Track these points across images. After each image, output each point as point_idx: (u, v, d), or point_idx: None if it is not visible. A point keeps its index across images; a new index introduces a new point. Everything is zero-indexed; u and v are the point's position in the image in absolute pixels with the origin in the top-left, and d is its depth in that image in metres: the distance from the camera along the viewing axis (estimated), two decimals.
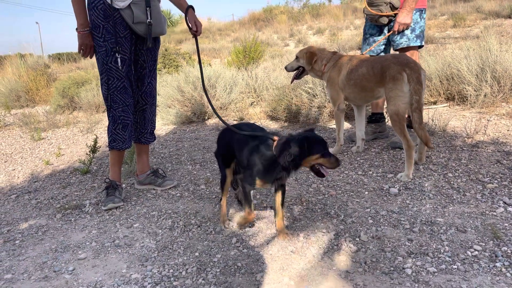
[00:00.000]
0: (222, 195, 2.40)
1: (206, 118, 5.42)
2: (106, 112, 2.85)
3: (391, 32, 3.37)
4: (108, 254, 2.19)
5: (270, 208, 2.57)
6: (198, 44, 2.87)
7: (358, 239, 2.09)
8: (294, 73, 3.58)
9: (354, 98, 3.27)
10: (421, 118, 2.75)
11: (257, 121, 4.96)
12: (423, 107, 2.87)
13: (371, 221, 2.27)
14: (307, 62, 3.41)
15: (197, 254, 2.10)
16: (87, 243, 2.32)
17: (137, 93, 2.95)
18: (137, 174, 3.16)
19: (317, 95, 4.70)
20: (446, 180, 2.71)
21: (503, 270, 1.72)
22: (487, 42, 4.61)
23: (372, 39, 3.56)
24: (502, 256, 1.81)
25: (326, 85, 3.41)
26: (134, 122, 2.98)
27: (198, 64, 2.90)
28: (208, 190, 2.98)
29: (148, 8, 2.61)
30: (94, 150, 3.72)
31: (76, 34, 2.68)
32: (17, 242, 2.44)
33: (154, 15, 2.68)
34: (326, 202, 2.57)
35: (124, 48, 2.68)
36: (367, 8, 3.41)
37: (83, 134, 5.41)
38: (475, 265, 1.78)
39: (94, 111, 6.81)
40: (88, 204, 2.92)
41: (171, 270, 1.97)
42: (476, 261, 1.81)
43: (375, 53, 3.55)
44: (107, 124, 2.86)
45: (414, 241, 2.02)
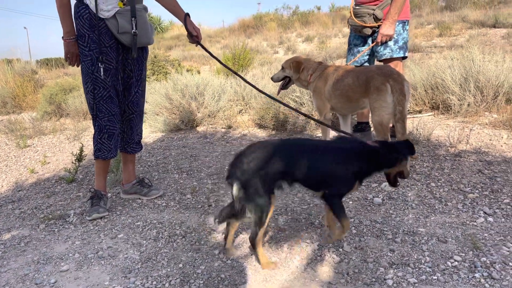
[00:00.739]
0: (258, 236, 1.93)
1: (195, 125, 5.42)
2: (92, 121, 2.84)
3: (375, 43, 3.42)
4: (91, 266, 2.17)
5: None
6: (206, 48, 3.05)
7: (341, 250, 2.11)
8: (281, 83, 3.61)
9: (340, 108, 3.30)
10: (404, 128, 2.79)
11: (244, 129, 4.98)
12: (407, 117, 2.91)
13: (355, 231, 2.29)
14: (295, 71, 3.44)
15: (181, 265, 2.10)
16: (70, 255, 2.30)
17: (123, 102, 2.94)
18: (122, 183, 3.15)
19: (304, 104, 4.74)
20: (429, 189, 2.75)
21: (482, 281, 1.76)
22: (470, 53, 4.71)
23: (356, 50, 3.61)
24: (481, 266, 1.85)
25: (313, 94, 3.44)
26: (121, 131, 2.97)
27: (222, 65, 3.16)
28: (194, 199, 2.98)
29: (133, 18, 2.61)
30: (80, 158, 3.69)
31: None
32: None
33: (140, 25, 2.68)
34: (310, 212, 2.59)
35: (109, 57, 2.67)
36: (352, 18, 3.46)
37: (70, 141, 5.37)
38: (455, 275, 1.81)
39: (82, 118, 6.75)
40: (72, 214, 2.89)
41: (154, 282, 1.97)
42: (456, 271, 1.84)
43: (360, 63, 3.59)
44: (93, 132, 2.85)
45: (396, 251, 2.04)
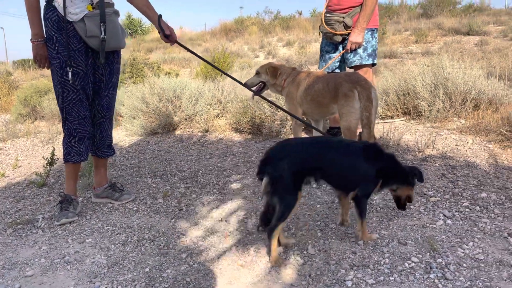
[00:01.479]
0: (277, 229, 2.02)
1: (171, 129, 5.42)
2: (62, 124, 2.82)
3: (345, 50, 3.51)
4: (56, 271, 2.16)
5: (226, 221, 2.61)
6: (183, 45, 3.01)
7: (305, 252, 2.16)
8: (255, 88, 3.64)
9: (312, 113, 3.36)
10: (370, 134, 2.87)
11: (221, 133, 5.01)
12: (380, 122, 2.99)
13: (320, 234, 2.35)
14: (271, 77, 3.46)
15: (147, 269, 2.11)
16: (36, 260, 2.28)
17: (94, 106, 2.93)
18: (94, 187, 3.13)
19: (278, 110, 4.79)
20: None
21: (436, 281, 1.83)
22: (441, 60, 4.87)
23: (328, 56, 3.69)
24: (436, 267, 1.92)
25: (285, 99, 3.49)
26: (91, 135, 2.96)
27: (202, 60, 3.15)
28: (165, 204, 2.99)
29: (102, 23, 2.60)
30: (51, 162, 3.66)
31: None
32: None
33: (109, 29, 2.66)
34: None
35: (77, 61, 2.66)
36: (324, 25, 3.54)
37: (44, 144, 5.29)
38: (411, 276, 1.88)
39: (57, 121, 6.66)
40: (41, 218, 2.87)
41: (120, 286, 1.97)
42: (412, 272, 1.91)
43: (331, 69, 3.68)
44: (63, 136, 2.83)
45: (358, 253, 2.11)
